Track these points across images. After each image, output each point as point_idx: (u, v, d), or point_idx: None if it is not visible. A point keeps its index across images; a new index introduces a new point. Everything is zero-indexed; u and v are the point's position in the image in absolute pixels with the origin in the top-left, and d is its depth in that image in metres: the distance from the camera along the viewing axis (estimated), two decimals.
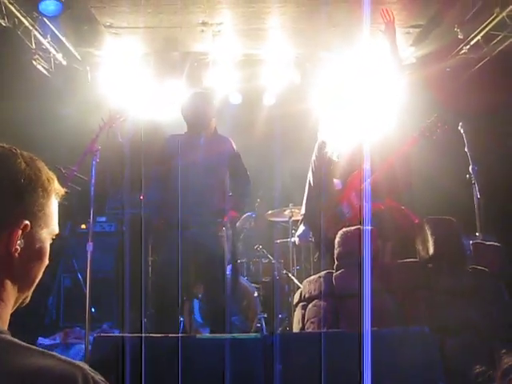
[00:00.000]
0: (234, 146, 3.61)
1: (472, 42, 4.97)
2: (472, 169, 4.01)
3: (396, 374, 1.93)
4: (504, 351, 0.59)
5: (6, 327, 0.81)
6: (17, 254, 0.83)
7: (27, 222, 0.84)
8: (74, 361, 0.75)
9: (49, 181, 0.89)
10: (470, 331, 2.85)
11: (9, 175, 0.83)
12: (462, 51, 5.12)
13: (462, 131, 4.10)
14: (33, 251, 0.86)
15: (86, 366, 0.75)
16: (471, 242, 3.47)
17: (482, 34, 4.85)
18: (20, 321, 0.91)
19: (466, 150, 4.07)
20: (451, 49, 5.15)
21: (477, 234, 3.81)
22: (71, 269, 4.66)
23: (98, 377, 0.75)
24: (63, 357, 0.76)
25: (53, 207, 0.91)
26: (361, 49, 5.04)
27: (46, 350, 0.76)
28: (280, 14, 4.57)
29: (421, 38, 5.08)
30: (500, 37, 4.77)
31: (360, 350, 2.09)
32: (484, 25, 4.73)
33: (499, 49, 4.86)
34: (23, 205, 0.84)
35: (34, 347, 0.76)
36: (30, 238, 0.85)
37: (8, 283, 0.83)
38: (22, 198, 0.84)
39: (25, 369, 0.70)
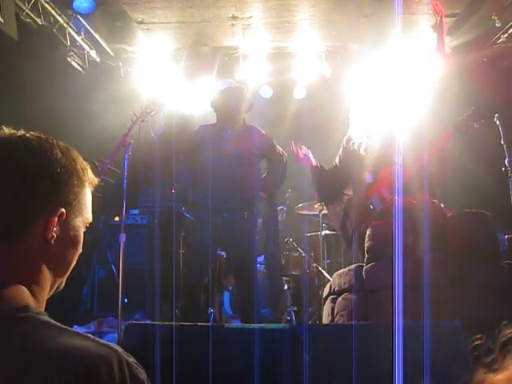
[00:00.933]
0: (263, 132, 3.63)
1: (510, 31, 4.81)
2: (508, 162, 3.88)
3: (426, 368, 1.90)
4: (504, 323, 0.57)
5: (43, 309, 0.85)
6: (53, 241, 0.86)
7: (63, 209, 0.87)
8: (109, 343, 0.77)
9: (83, 170, 0.92)
10: (500, 325, 2.77)
11: (46, 165, 0.86)
12: (500, 40, 4.95)
13: (497, 123, 3.98)
14: (68, 238, 0.89)
15: (120, 349, 0.77)
16: (506, 236, 3.38)
17: None
18: (55, 310, 0.94)
19: (501, 142, 3.94)
20: (488, 38, 4.98)
21: None
22: (105, 260, 4.78)
23: (132, 359, 0.77)
24: (98, 339, 0.77)
25: (87, 196, 0.93)
26: (393, 40, 4.94)
27: (81, 332, 0.78)
28: (310, 6, 4.53)
29: (456, 27, 4.94)
30: None
31: (391, 343, 2.07)
32: None
33: None
34: (59, 193, 0.87)
35: (70, 328, 0.78)
36: (66, 225, 0.88)
37: (44, 268, 0.86)
38: (58, 187, 0.87)
39: (63, 348, 0.72)
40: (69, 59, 5.01)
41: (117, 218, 4.84)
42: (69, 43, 4.93)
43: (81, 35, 4.95)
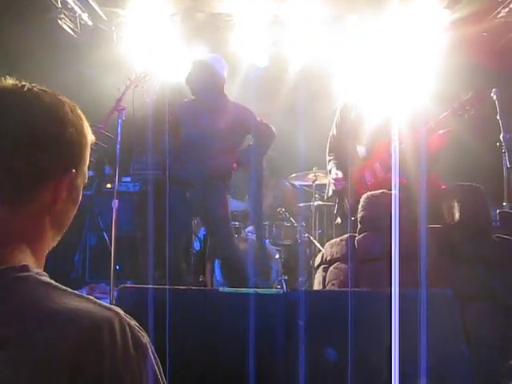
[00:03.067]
0: (246, 107, 3.59)
1: (511, 5, 4.75)
2: (503, 137, 3.89)
3: (417, 333, 1.94)
4: None
5: (42, 268, 0.83)
6: (60, 201, 0.84)
7: (74, 170, 0.85)
8: (110, 305, 0.76)
9: (87, 129, 0.90)
10: (491, 300, 2.83)
11: (59, 124, 0.83)
12: (500, 15, 4.89)
13: (494, 98, 3.97)
14: (71, 198, 0.87)
15: (122, 312, 0.76)
16: (498, 211, 3.41)
17: None
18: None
19: (497, 117, 3.94)
20: (489, 12, 4.92)
21: (504, 203, 3.73)
22: (97, 227, 4.76)
23: (133, 322, 0.76)
24: (99, 301, 0.77)
25: (88, 155, 0.91)
26: (392, 12, 4.86)
27: (82, 294, 0.77)
28: None
29: (456, 0, 4.87)
30: None
31: (385, 310, 2.10)
32: None
33: None
34: (70, 154, 0.84)
35: (70, 290, 0.77)
36: (72, 186, 0.86)
37: (48, 227, 0.84)
38: (70, 148, 0.84)
39: (64, 310, 0.71)
40: (60, 22, 4.87)
41: (109, 185, 4.81)
42: (60, 5, 4.79)
43: None
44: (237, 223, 4.30)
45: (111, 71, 4.67)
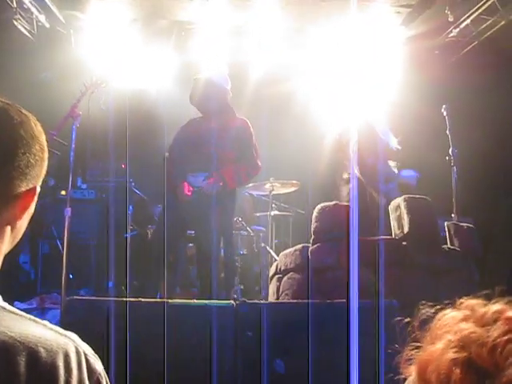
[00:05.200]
0: (249, 129, 3.61)
1: (462, 26, 4.96)
2: (452, 151, 4.06)
3: (364, 341, 1.99)
4: (422, 302, 0.63)
5: None
6: (22, 216, 0.82)
7: (38, 187, 0.83)
8: (65, 331, 0.75)
9: (46, 143, 0.87)
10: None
11: (27, 140, 0.80)
12: (452, 34, 5.10)
13: (444, 113, 4.14)
14: (30, 212, 0.85)
15: (77, 338, 0.75)
16: (446, 222, 3.55)
17: (472, 17, 4.83)
18: None
19: (447, 132, 4.11)
20: (441, 31, 5.13)
21: (452, 215, 3.88)
22: (50, 235, 4.63)
23: (90, 350, 0.75)
24: (54, 326, 0.75)
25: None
26: (350, 26, 5.00)
27: (36, 318, 0.75)
28: None
29: (411, 18, 5.05)
30: (489, 21, 4.77)
31: (335, 321, 2.14)
32: (474, 8, 4.71)
33: (488, 33, 4.86)
34: (34, 170, 0.82)
35: (25, 314, 0.75)
36: (33, 200, 0.84)
37: (5, 243, 0.81)
38: (35, 164, 0.82)
39: (19, 336, 0.69)
40: (15, 22, 4.74)
41: (63, 192, 4.69)
42: (15, 5, 4.66)
43: None
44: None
45: (68, 75, 4.58)
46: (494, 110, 4.56)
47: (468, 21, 4.88)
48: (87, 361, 0.73)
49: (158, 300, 2.46)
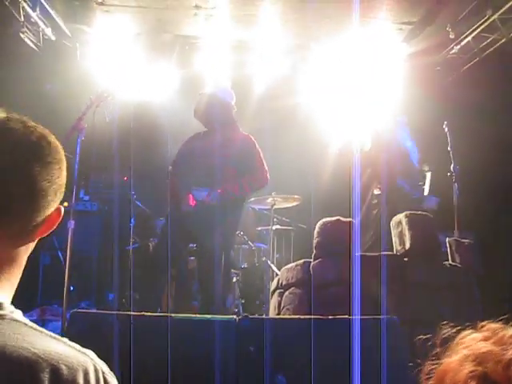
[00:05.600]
0: (253, 146, 3.65)
1: (463, 43, 5.02)
2: (453, 167, 4.09)
3: (366, 357, 1.99)
4: (444, 322, 0.67)
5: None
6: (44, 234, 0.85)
7: (61, 206, 0.86)
8: (83, 349, 0.76)
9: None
10: (440, 324, 2.93)
11: (60, 165, 0.84)
12: (453, 51, 5.16)
13: (446, 130, 4.17)
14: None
15: (93, 356, 0.77)
16: (448, 238, 3.56)
17: (473, 34, 4.89)
18: None
19: (448, 148, 4.14)
20: (442, 47, 5.18)
21: (454, 231, 3.89)
22: (51, 246, 4.64)
23: (105, 367, 0.77)
24: (73, 343, 0.77)
25: None
26: (352, 42, 5.06)
27: (56, 335, 0.77)
28: (272, 3, 4.55)
29: (413, 35, 5.11)
30: (490, 39, 4.83)
31: (336, 337, 2.14)
32: (475, 26, 4.77)
33: (489, 51, 4.92)
34: (61, 192, 0.85)
35: (45, 331, 0.76)
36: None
37: (24, 260, 0.84)
38: (63, 186, 0.85)
39: (42, 352, 0.70)
40: (22, 35, 4.79)
41: (66, 204, 4.71)
42: (23, 18, 4.72)
43: (36, 11, 4.75)
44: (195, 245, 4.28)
45: (73, 88, 4.63)
46: (495, 127, 4.59)
47: (469, 38, 4.94)
48: (104, 379, 0.75)
49: (162, 314, 2.47)
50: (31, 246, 0.85)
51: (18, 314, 0.77)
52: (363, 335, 2.17)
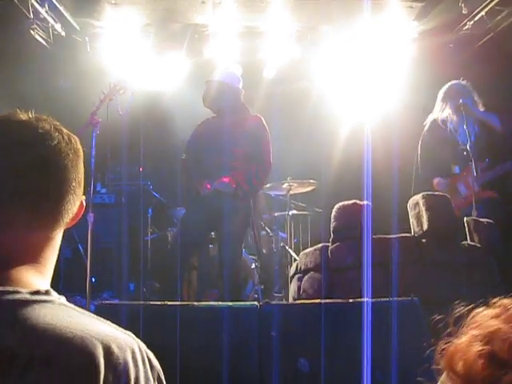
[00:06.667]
0: (262, 126, 3.64)
1: (476, 18, 4.91)
2: (470, 146, 4.03)
3: (387, 341, 2.00)
4: (457, 301, 0.69)
5: None
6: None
7: (84, 197, 0.93)
8: (124, 330, 0.79)
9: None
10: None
11: (81, 160, 0.91)
12: (466, 27, 5.06)
13: (461, 108, 4.11)
14: None
15: (134, 336, 0.80)
16: (465, 218, 3.53)
17: (486, 9, 4.78)
18: None
19: (464, 127, 4.08)
20: (455, 24, 5.08)
21: (472, 211, 3.85)
22: (72, 239, 4.72)
23: (145, 347, 0.80)
24: (114, 325, 0.80)
25: None
26: (362, 23, 4.98)
27: (100, 318, 0.80)
28: None
29: (424, 12, 5.01)
30: (504, 13, 4.72)
31: (356, 320, 2.16)
32: (489, 0, 4.66)
33: (503, 25, 4.81)
34: (82, 185, 0.92)
35: (89, 313, 0.80)
36: None
37: (56, 250, 0.90)
38: (82, 178, 0.92)
39: (98, 335, 0.73)
40: (32, 32, 4.83)
41: (84, 197, 4.76)
42: (32, 15, 4.74)
43: (44, 7, 4.77)
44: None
45: (85, 83, 4.65)
46: (511, 103, 4.51)
47: (482, 13, 4.83)
48: (148, 358, 0.78)
49: (184, 303, 2.51)
50: (61, 235, 0.90)
51: (64, 299, 0.80)
52: (384, 317, 2.18)
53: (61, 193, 0.85)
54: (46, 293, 0.78)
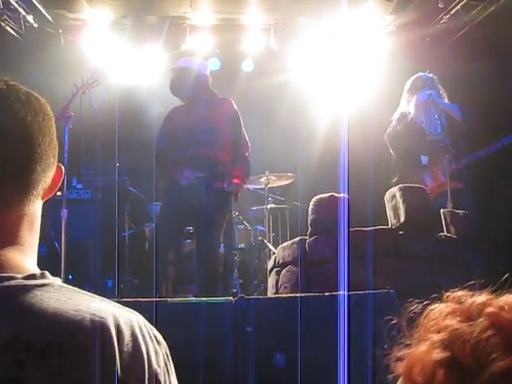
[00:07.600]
0: (235, 107, 3.61)
1: (452, 12, 4.95)
2: (436, 136, 4.07)
3: (363, 334, 2.00)
4: (409, 300, 0.65)
5: None
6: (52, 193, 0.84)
7: (61, 165, 0.85)
8: (126, 307, 0.77)
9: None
10: (436, 294, 2.96)
11: (53, 123, 0.83)
12: (442, 20, 5.10)
13: (428, 99, 4.14)
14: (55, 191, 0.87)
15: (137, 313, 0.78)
16: (442, 210, 3.56)
17: (461, 3, 4.83)
18: None
19: (430, 117, 4.12)
20: (431, 18, 5.12)
21: (448, 202, 3.89)
22: (47, 237, 4.62)
23: (149, 324, 0.77)
24: (114, 302, 0.77)
25: None
26: (340, 16, 4.98)
27: (101, 297, 0.77)
28: None
29: (401, 6, 5.04)
30: (480, 7, 4.77)
31: (333, 314, 2.16)
32: None
33: (478, 19, 4.86)
34: (56, 149, 0.84)
35: (92, 294, 0.76)
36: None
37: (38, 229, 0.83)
38: (56, 142, 0.84)
39: (105, 314, 0.71)
40: (2, 24, 4.70)
41: (59, 193, 4.67)
42: (1, 5, 4.62)
43: None
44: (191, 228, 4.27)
45: (59, 76, 4.55)
46: (486, 95, 4.55)
47: (458, 7, 4.87)
48: (154, 334, 0.76)
49: (157, 299, 2.47)
50: (39, 210, 0.82)
51: (59, 281, 0.76)
52: (361, 310, 2.18)
53: (25, 163, 0.76)
54: (42, 276, 0.74)
